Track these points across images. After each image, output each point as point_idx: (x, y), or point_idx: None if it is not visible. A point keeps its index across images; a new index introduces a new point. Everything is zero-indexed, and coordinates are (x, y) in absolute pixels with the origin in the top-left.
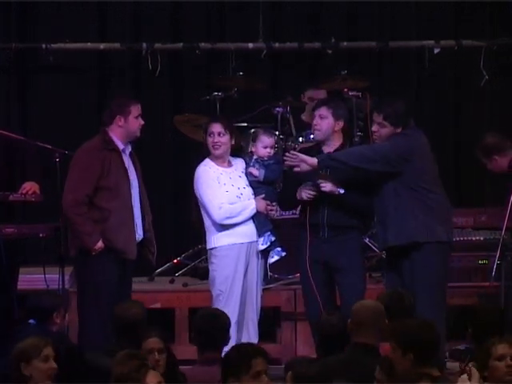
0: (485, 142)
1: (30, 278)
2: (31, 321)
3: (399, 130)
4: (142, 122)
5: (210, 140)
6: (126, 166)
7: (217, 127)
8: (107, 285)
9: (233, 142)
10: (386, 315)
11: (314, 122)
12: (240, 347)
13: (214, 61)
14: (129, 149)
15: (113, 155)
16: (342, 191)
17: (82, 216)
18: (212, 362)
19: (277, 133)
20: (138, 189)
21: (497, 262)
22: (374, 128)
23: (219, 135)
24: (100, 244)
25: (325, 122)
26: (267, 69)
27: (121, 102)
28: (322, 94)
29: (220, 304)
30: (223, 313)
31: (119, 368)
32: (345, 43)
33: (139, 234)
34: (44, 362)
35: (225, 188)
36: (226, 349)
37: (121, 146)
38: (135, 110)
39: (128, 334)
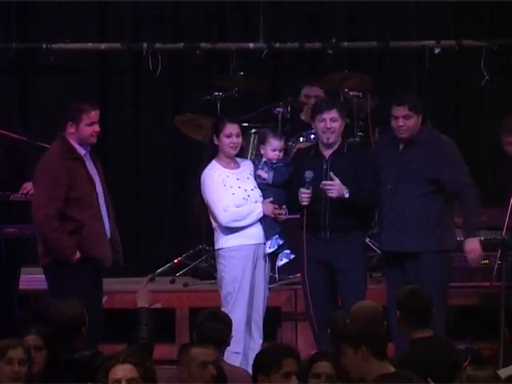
0: None
1: (31, 278)
2: None
3: (421, 118)
4: (97, 129)
5: (227, 141)
6: (91, 173)
7: (235, 128)
8: (84, 293)
9: (243, 144)
10: (404, 312)
11: (328, 126)
12: (272, 346)
13: (215, 61)
14: (88, 150)
15: (77, 165)
16: (347, 195)
17: (56, 231)
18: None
19: None
20: (102, 191)
21: (497, 262)
22: (400, 122)
23: (237, 136)
24: (78, 255)
25: (337, 125)
26: (268, 69)
27: (74, 108)
28: (316, 91)
29: (228, 304)
30: (225, 313)
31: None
32: (345, 43)
33: (107, 236)
34: (7, 365)
35: (231, 190)
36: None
37: (82, 152)
38: (87, 117)
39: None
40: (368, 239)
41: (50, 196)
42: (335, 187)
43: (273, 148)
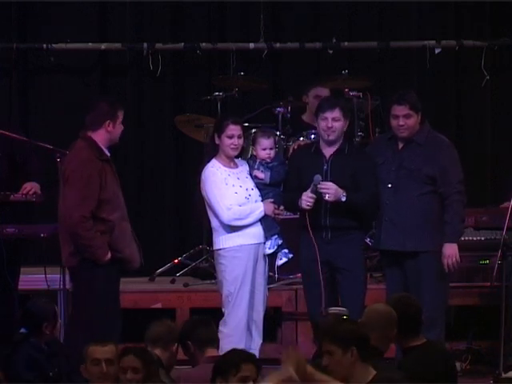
0: None
1: (32, 278)
2: (22, 329)
3: (420, 116)
4: (122, 128)
5: (228, 142)
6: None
7: (238, 130)
8: (112, 293)
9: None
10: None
11: (329, 125)
12: (233, 351)
13: (215, 61)
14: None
15: (106, 167)
16: (344, 198)
17: (90, 230)
18: None
19: (278, 133)
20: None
21: (498, 262)
22: (401, 122)
23: (239, 138)
24: (109, 255)
25: (339, 124)
26: (268, 69)
27: (111, 106)
28: (326, 91)
29: (229, 305)
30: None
31: None
32: (346, 43)
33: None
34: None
35: (233, 189)
36: None
37: (108, 154)
38: (121, 115)
39: None
40: (368, 239)
41: (84, 196)
42: (331, 191)
43: (263, 147)
